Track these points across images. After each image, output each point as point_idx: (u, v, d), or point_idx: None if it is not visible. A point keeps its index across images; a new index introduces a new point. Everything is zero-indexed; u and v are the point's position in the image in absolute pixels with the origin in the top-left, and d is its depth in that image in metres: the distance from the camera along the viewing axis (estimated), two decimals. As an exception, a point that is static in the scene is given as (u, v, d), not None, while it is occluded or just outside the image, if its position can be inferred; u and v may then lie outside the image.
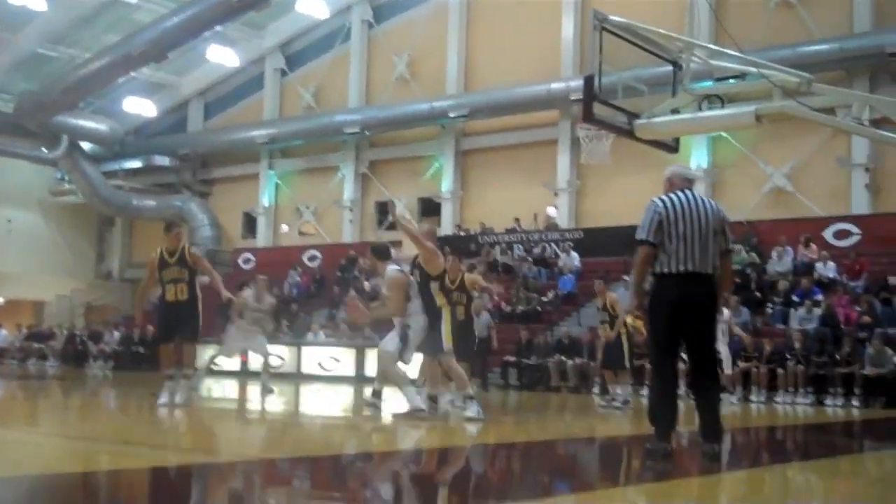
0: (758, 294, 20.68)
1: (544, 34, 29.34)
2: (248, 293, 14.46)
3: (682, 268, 6.89)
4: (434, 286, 10.48)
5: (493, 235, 27.49)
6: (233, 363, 17.81)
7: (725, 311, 14.32)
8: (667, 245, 6.92)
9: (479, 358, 15.86)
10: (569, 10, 28.87)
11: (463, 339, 10.98)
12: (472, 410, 10.38)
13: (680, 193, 7.10)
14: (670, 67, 14.87)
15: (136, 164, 37.80)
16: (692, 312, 6.93)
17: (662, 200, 7.06)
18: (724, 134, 25.38)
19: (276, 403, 13.69)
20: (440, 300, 10.48)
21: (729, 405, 14.90)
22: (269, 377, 14.76)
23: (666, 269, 6.94)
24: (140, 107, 36.92)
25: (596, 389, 18.76)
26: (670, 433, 7.04)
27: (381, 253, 10.75)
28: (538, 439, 9.80)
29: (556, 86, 27.85)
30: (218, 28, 29.75)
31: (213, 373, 15.23)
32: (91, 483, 5.78)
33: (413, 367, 11.26)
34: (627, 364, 14.19)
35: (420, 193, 32.51)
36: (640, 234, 6.99)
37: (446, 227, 30.57)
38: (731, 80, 15.47)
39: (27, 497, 5.13)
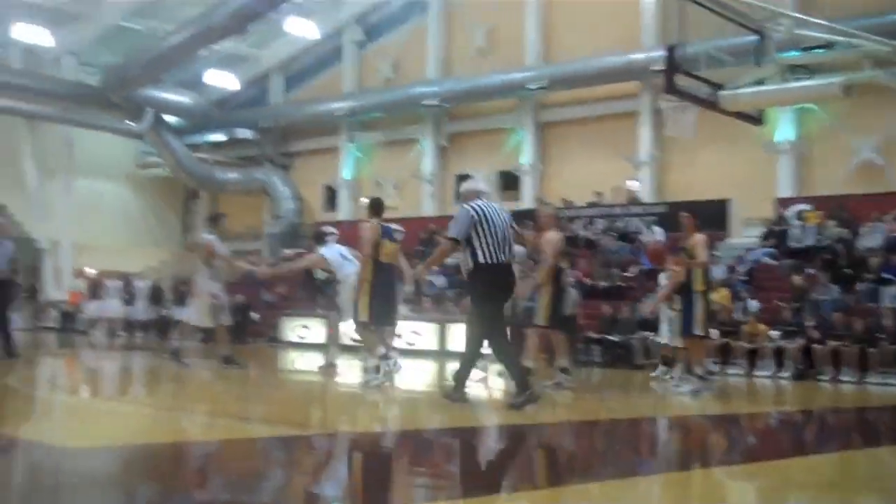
0: (848, 271, 20.11)
1: (625, 3, 28.87)
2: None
3: (495, 259, 8.60)
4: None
5: (573, 209, 27.20)
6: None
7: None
8: (483, 241, 8.57)
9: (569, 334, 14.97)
10: (651, -21, 28.36)
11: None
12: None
13: (480, 202, 8.80)
14: (755, 37, 14.54)
15: (219, 136, 38.40)
16: (505, 291, 8.87)
17: (473, 207, 8.72)
18: (810, 105, 24.74)
19: (361, 377, 13.72)
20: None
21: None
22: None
23: (483, 261, 8.59)
24: (222, 79, 37.32)
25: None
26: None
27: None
28: (620, 417, 9.71)
29: (636, 56, 27.38)
30: (297, 0, 29.88)
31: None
32: (180, 453, 5.86)
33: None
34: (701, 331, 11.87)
35: (499, 167, 32.37)
36: (452, 233, 8.67)
37: (526, 201, 30.42)
38: (818, 50, 15.12)
39: (118, 466, 5.23)
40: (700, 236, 11.73)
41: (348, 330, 13.09)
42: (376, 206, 11.50)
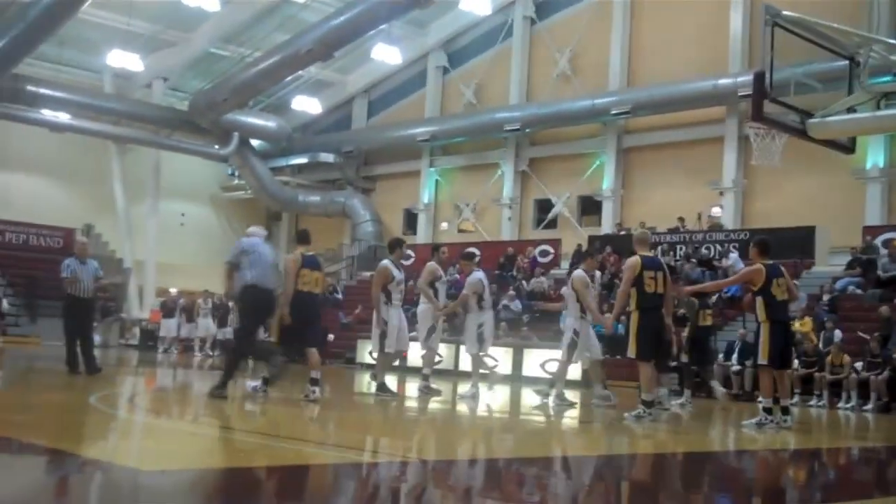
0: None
1: (711, 28, 28.54)
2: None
3: (259, 283, 10.77)
4: None
5: (655, 235, 26.77)
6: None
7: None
8: (249, 266, 10.74)
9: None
10: (737, 3, 27.95)
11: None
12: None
13: (252, 238, 11.17)
14: (846, 63, 14.18)
15: (302, 160, 38.95)
16: (268, 308, 11.01)
17: (243, 241, 11.16)
18: (903, 133, 24.10)
19: (434, 402, 13.68)
20: None
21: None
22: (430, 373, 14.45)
23: (249, 283, 10.74)
24: (306, 104, 37.81)
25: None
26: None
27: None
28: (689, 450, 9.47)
29: (723, 81, 27.01)
30: (383, 26, 30.13)
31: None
32: (247, 478, 5.84)
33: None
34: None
35: (580, 191, 32.17)
36: (229, 258, 10.98)
37: (606, 226, 30.16)
38: (912, 76, 14.69)
39: (184, 490, 5.22)
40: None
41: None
42: (303, 237, 12.04)
